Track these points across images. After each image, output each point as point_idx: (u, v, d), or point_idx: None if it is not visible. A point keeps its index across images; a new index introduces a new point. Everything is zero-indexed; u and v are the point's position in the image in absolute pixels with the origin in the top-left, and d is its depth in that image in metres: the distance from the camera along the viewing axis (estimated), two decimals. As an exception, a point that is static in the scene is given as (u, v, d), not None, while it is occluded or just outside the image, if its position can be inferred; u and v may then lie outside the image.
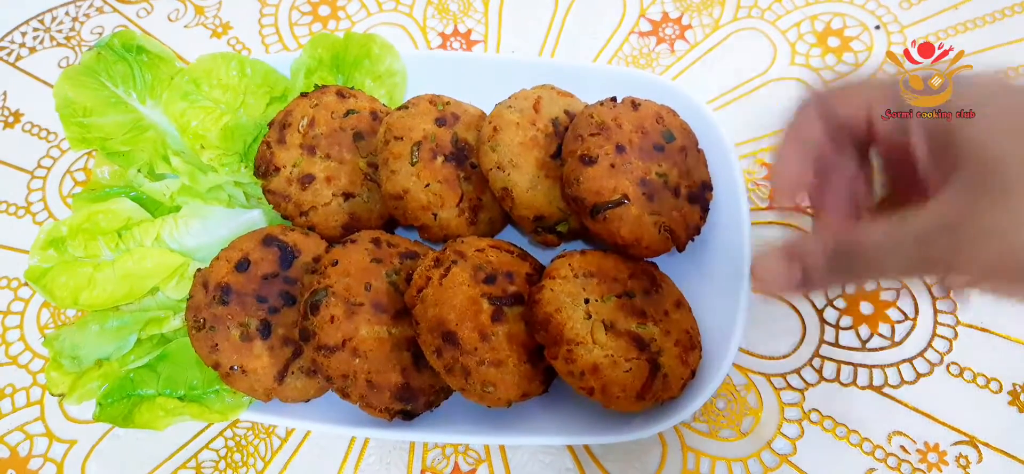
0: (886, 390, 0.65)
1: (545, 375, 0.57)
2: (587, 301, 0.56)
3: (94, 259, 0.64)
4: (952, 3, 0.84)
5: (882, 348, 0.67)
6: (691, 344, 0.59)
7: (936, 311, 0.68)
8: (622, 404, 0.55)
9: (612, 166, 0.59)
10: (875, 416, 0.64)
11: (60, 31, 0.90)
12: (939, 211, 0.36)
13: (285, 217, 0.66)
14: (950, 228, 0.35)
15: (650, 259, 0.63)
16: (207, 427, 0.65)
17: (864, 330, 0.68)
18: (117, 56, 0.70)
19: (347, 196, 0.66)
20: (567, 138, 0.62)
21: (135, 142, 0.69)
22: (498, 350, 0.54)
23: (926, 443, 0.63)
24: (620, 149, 0.60)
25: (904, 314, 0.68)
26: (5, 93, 0.85)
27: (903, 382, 0.65)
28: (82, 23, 0.90)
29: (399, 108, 0.66)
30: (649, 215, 0.60)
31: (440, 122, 0.65)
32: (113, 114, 0.69)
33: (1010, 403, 0.64)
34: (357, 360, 0.55)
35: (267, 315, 0.58)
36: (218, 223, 0.68)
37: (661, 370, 0.55)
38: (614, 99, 0.64)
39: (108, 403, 0.59)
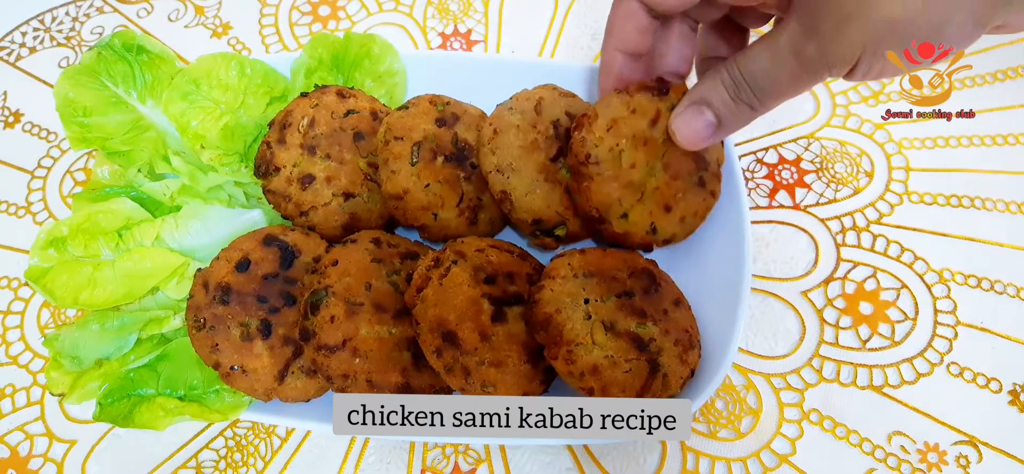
0: (886, 390, 0.65)
1: (545, 375, 0.57)
2: (587, 301, 0.56)
3: (94, 259, 0.64)
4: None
5: (882, 348, 0.67)
6: (690, 343, 0.59)
7: (936, 311, 0.68)
8: (622, 404, 0.55)
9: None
10: (875, 416, 0.64)
11: (60, 31, 0.90)
12: (797, 21, 0.41)
13: (285, 217, 0.66)
14: (811, 29, 0.40)
15: (649, 255, 0.63)
16: (207, 427, 0.65)
17: (864, 330, 0.68)
18: (117, 56, 0.70)
19: (347, 196, 0.66)
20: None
21: (135, 142, 0.69)
22: (498, 350, 0.54)
23: (926, 443, 0.63)
24: None
25: (904, 314, 0.68)
26: (5, 93, 0.85)
27: (903, 382, 0.65)
28: (82, 23, 0.90)
29: (399, 108, 0.66)
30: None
31: (440, 122, 0.65)
32: (113, 114, 0.69)
33: (1010, 403, 0.64)
34: (357, 360, 0.55)
35: (267, 315, 0.58)
36: (218, 223, 0.67)
37: (661, 370, 0.55)
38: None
39: (108, 403, 0.59)
